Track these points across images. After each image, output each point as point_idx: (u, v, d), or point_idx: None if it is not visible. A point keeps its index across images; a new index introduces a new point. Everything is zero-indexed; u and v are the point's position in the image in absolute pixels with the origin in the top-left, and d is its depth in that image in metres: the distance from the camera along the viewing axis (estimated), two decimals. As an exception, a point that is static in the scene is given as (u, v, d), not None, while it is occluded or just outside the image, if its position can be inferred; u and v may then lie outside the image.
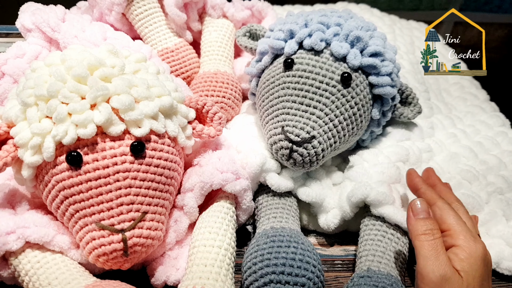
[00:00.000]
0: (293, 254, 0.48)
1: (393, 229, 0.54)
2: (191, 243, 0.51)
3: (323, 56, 0.58)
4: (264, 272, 0.47)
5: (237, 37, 0.70)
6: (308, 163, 0.56)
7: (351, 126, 0.58)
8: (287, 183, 0.59)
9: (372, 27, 0.61)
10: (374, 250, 0.53)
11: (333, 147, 0.57)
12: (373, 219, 0.56)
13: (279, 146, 0.56)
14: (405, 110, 0.65)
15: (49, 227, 0.48)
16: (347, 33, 0.57)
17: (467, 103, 0.86)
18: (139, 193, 0.46)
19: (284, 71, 0.59)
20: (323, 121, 0.56)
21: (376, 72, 0.58)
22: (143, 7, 0.76)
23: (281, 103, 0.58)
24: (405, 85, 0.65)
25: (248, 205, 0.55)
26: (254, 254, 0.50)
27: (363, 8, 1.02)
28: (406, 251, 0.54)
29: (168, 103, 0.49)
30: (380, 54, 0.58)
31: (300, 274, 0.47)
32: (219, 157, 0.55)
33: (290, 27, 0.60)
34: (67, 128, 0.44)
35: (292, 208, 0.59)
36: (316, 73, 0.57)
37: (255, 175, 0.58)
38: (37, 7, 0.70)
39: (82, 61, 0.47)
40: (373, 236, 0.54)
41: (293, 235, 0.51)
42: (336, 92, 0.57)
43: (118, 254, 0.45)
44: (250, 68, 0.67)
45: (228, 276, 0.47)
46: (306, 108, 0.56)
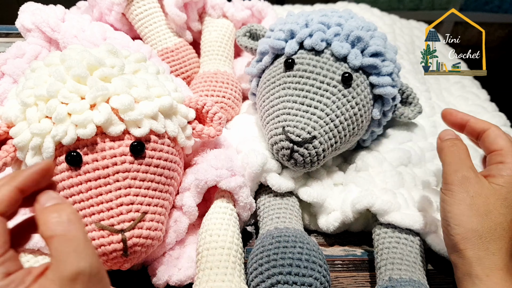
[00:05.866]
0: (299, 255, 0.48)
1: (405, 233, 0.54)
2: (197, 249, 0.51)
3: (323, 56, 0.58)
4: (271, 273, 0.47)
5: (237, 37, 0.70)
6: (309, 163, 0.56)
7: (352, 126, 0.58)
8: (287, 183, 0.58)
9: (372, 27, 0.61)
10: (392, 258, 0.52)
11: (334, 147, 0.57)
12: (384, 227, 0.55)
13: (280, 146, 0.56)
14: (405, 110, 0.65)
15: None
16: (347, 33, 0.57)
17: (468, 103, 0.86)
18: (138, 193, 0.46)
19: (285, 71, 0.59)
20: (324, 121, 0.56)
21: (377, 72, 0.58)
22: (143, 7, 0.75)
23: (282, 103, 0.58)
24: (405, 85, 0.65)
25: (246, 202, 0.55)
26: (259, 255, 0.49)
27: (363, 8, 1.02)
28: (422, 251, 0.54)
29: (168, 103, 0.49)
30: (381, 54, 0.58)
31: (307, 274, 0.46)
32: (215, 155, 0.55)
33: (290, 27, 0.60)
34: (66, 128, 0.44)
35: (294, 208, 0.59)
36: (317, 73, 0.57)
37: (256, 175, 0.58)
38: (37, 7, 0.70)
39: (82, 61, 0.47)
40: (388, 244, 0.54)
41: (298, 235, 0.51)
42: (337, 92, 0.57)
43: (118, 254, 0.45)
44: (250, 68, 0.67)
45: (241, 277, 0.48)
46: (307, 108, 0.56)
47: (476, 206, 0.45)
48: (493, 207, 0.45)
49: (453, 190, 0.47)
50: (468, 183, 0.46)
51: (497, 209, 0.45)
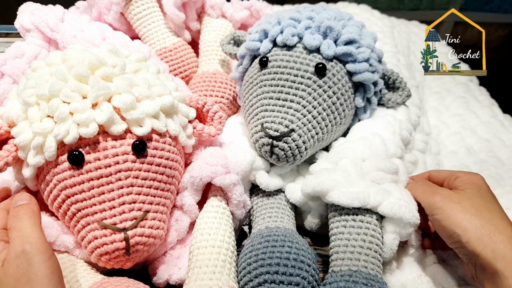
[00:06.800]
0: (288, 254, 0.48)
1: (353, 213, 0.52)
2: (190, 248, 0.51)
3: (296, 50, 0.58)
4: (258, 272, 0.47)
5: (222, 46, 0.70)
6: (291, 157, 0.56)
7: (332, 116, 0.58)
8: (275, 182, 0.59)
9: (346, 16, 0.61)
10: (337, 246, 0.51)
11: (316, 138, 0.57)
12: (333, 210, 0.53)
13: (261, 143, 0.57)
14: (393, 96, 0.64)
15: (52, 228, 0.48)
16: (318, 24, 0.57)
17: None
18: (141, 192, 0.47)
19: (260, 70, 0.60)
20: (301, 113, 0.56)
21: (353, 60, 0.58)
22: (141, 7, 0.76)
23: (260, 101, 0.59)
24: (390, 70, 0.64)
25: (239, 200, 0.55)
26: (248, 255, 0.50)
27: (363, 9, 1.02)
28: (375, 231, 0.51)
29: (169, 102, 0.49)
30: (355, 42, 0.58)
31: (294, 273, 0.46)
32: (210, 152, 0.55)
33: (263, 27, 0.61)
34: (68, 127, 0.44)
35: (286, 207, 0.59)
36: (290, 67, 0.57)
37: (245, 173, 0.58)
38: (36, 7, 0.70)
39: (83, 60, 0.47)
40: (336, 229, 0.52)
41: (288, 234, 0.51)
42: (312, 84, 0.57)
43: (120, 253, 0.45)
44: (233, 73, 0.67)
45: (230, 275, 0.48)
46: (283, 103, 0.57)
47: (467, 208, 0.47)
48: (479, 205, 0.47)
49: (440, 207, 0.49)
50: (448, 196, 0.49)
51: (482, 206, 0.47)
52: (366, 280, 0.46)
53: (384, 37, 0.86)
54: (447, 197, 0.49)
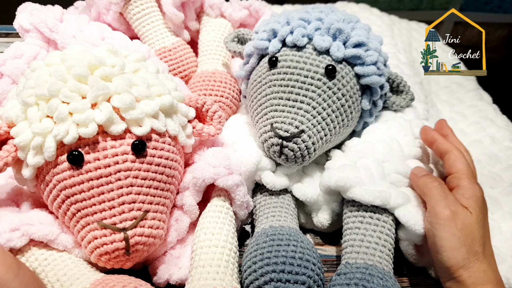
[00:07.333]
0: (293, 253, 0.48)
1: (370, 211, 0.53)
2: (192, 247, 0.51)
3: (306, 51, 0.58)
4: (264, 271, 0.47)
5: (226, 43, 0.70)
6: (300, 158, 0.56)
7: (340, 118, 0.58)
8: (282, 181, 0.59)
9: (354, 19, 0.61)
10: (353, 240, 0.51)
11: (324, 140, 0.58)
12: (350, 205, 0.54)
13: (270, 143, 0.57)
14: (397, 99, 0.65)
15: (54, 226, 0.48)
16: (328, 26, 0.58)
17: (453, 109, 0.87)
18: (140, 192, 0.47)
19: (269, 69, 0.60)
20: (311, 114, 0.56)
21: (361, 62, 0.58)
22: (140, 6, 0.75)
23: (269, 101, 0.59)
24: (394, 73, 0.65)
25: (243, 201, 0.55)
26: (253, 253, 0.50)
27: (363, 8, 1.02)
28: (390, 231, 0.52)
29: (168, 102, 0.49)
30: (364, 44, 0.58)
31: (300, 272, 0.47)
32: (213, 153, 0.55)
33: (272, 26, 0.61)
34: (68, 128, 0.44)
35: (290, 206, 0.59)
36: (300, 68, 0.57)
37: (250, 173, 0.58)
38: (35, 7, 0.70)
39: (83, 60, 0.47)
40: (351, 224, 0.53)
41: (292, 233, 0.51)
42: (322, 85, 0.57)
43: (120, 253, 0.45)
44: (239, 71, 0.67)
45: (233, 276, 0.48)
46: (293, 104, 0.57)
47: (463, 237, 0.48)
48: (477, 232, 0.49)
49: (443, 224, 0.49)
50: (456, 217, 0.49)
51: (477, 233, 0.49)
52: (382, 274, 0.47)
53: (384, 37, 0.86)
54: (453, 219, 0.49)
